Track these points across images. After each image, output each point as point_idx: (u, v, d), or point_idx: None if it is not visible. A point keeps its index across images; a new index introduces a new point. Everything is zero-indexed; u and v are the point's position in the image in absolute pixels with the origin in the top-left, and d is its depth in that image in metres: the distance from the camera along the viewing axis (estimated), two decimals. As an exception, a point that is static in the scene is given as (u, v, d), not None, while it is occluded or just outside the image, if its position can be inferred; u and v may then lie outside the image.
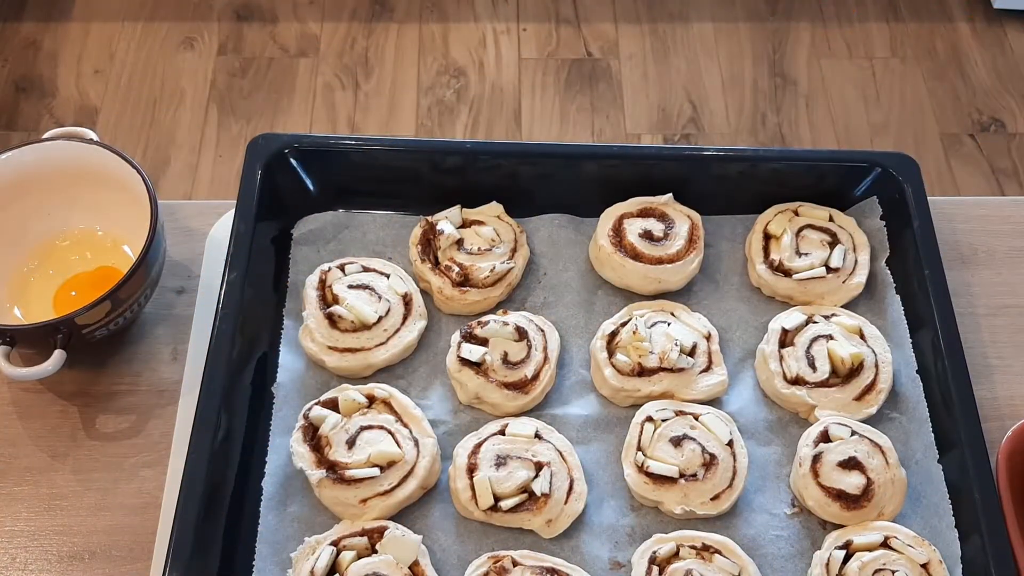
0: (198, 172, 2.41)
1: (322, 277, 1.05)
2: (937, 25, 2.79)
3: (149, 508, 0.97)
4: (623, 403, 1.00)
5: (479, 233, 1.08)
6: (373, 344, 1.01)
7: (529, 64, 2.63)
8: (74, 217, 1.11)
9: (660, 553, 0.89)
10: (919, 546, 0.90)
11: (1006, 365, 1.08)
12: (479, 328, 1.02)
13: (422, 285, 1.07)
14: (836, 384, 1.00)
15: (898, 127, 2.57)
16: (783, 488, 0.96)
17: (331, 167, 1.11)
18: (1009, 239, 1.18)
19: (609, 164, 1.12)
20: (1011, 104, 2.62)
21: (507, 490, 0.92)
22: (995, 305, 1.13)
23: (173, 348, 1.07)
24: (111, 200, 1.07)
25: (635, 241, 1.07)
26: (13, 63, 2.57)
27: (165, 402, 1.04)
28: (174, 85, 2.56)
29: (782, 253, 1.07)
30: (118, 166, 1.05)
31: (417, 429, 0.96)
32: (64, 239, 1.11)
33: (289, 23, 2.71)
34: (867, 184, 1.12)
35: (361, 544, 0.90)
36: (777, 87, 2.63)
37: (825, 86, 2.64)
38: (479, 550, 0.92)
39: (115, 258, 1.09)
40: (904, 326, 1.04)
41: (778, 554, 0.93)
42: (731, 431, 0.96)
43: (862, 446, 0.94)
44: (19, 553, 0.95)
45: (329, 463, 0.93)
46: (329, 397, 0.98)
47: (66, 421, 1.02)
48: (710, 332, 1.03)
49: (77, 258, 1.10)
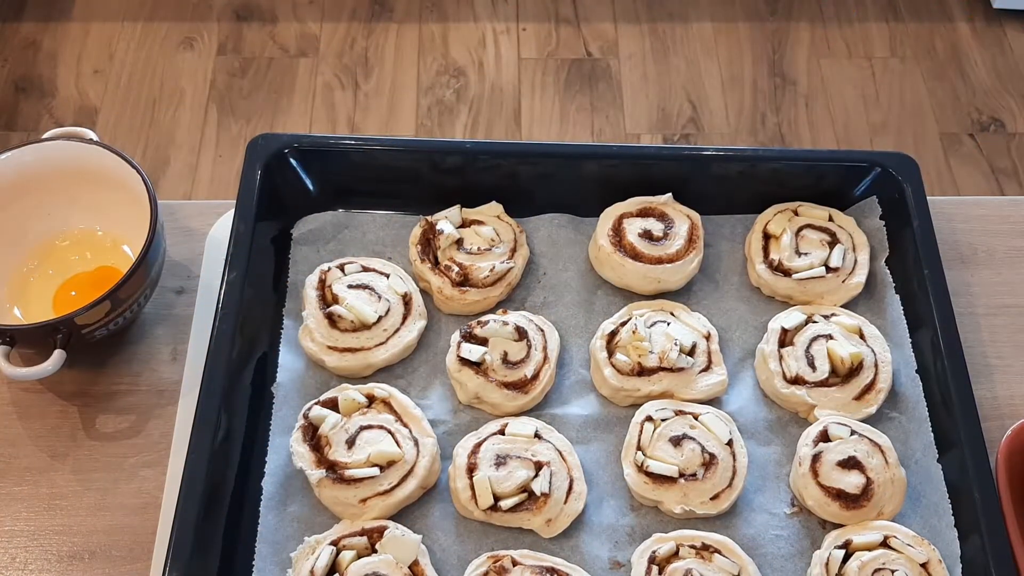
0: (198, 172, 2.41)
1: (322, 277, 1.05)
2: (937, 25, 2.80)
3: (149, 508, 0.97)
4: (623, 403, 1.00)
5: (479, 233, 1.08)
6: (373, 344, 1.01)
7: (529, 64, 2.63)
8: (74, 217, 1.11)
9: (660, 553, 0.90)
10: (919, 545, 0.90)
11: (1006, 365, 1.08)
12: (479, 328, 1.02)
13: (422, 285, 1.07)
14: (836, 384, 1.00)
15: (898, 127, 2.57)
16: (783, 488, 0.97)
17: (331, 167, 1.11)
18: (1009, 239, 1.18)
19: (609, 164, 1.12)
20: (1011, 104, 2.62)
21: (507, 490, 0.92)
22: (995, 305, 1.13)
23: (173, 348, 1.07)
24: (111, 200, 1.07)
25: (635, 241, 1.07)
26: (13, 63, 2.57)
27: (165, 402, 1.04)
28: (174, 85, 2.56)
29: (782, 253, 1.07)
30: (118, 166, 1.05)
31: (417, 429, 0.96)
32: (64, 239, 1.11)
33: (289, 23, 2.71)
34: (867, 184, 1.12)
35: (361, 544, 0.90)
36: (777, 87, 2.63)
37: (825, 86, 2.64)
38: (479, 550, 0.92)
39: (115, 258, 1.09)
40: (904, 326, 1.04)
41: (778, 554, 0.93)
42: (731, 431, 0.96)
43: (862, 446, 0.94)
44: (19, 553, 0.95)
45: (329, 463, 0.93)
46: (329, 397, 0.98)
47: (66, 421, 1.02)
48: (710, 332, 1.03)
49: (77, 258, 1.10)
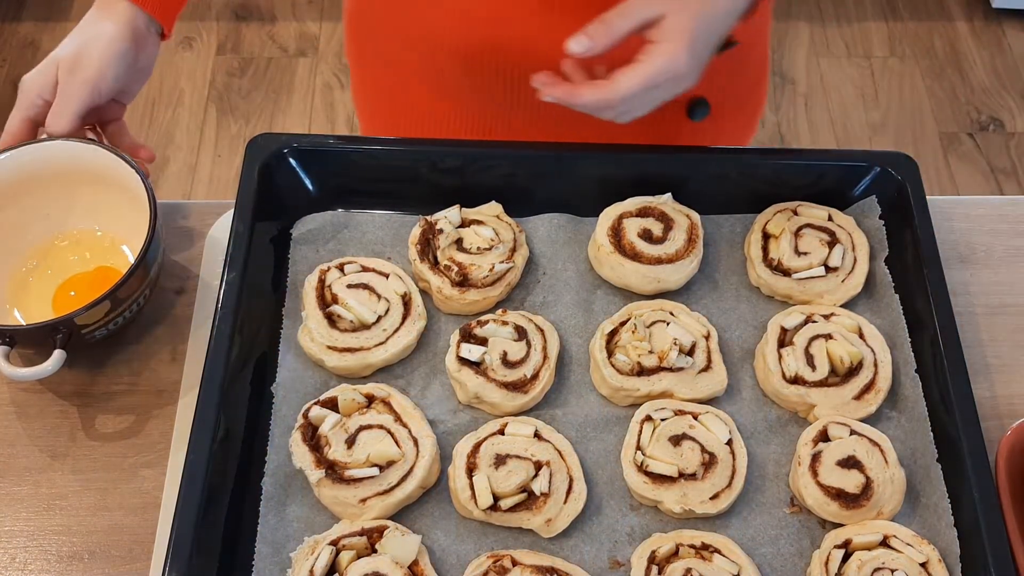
0: (197, 172, 2.41)
1: (321, 277, 1.05)
2: (936, 24, 2.80)
3: (149, 508, 0.97)
4: (622, 403, 1.00)
5: (478, 233, 1.08)
6: (372, 344, 1.01)
7: (528, 64, 2.63)
8: (73, 217, 1.11)
9: (659, 552, 0.90)
10: (918, 545, 0.90)
11: (1005, 364, 1.09)
12: (478, 328, 1.02)
13: (421, 285, 1.07)
14: (835, 383, 1.00)
15: (897, 126, 2.57)
16: (782, 487, 0.97)
17: (330, 167, 1.11)
18: (1008, 238, 1.18)
19: (608, 164, 1.12)
20: (1010, 103, 2.62)
21: (506, 489, 0.92)
22: (994, 304, 1.13)
23: (172, 348, 1.07)
24: (110, 200, 1.08)
25: (634, 241, 1.07)
26: (12, 63, 2.57)
27: (164, 402, 1.04)
28: (172, 85, 2.56)
29: (781, 252, 1.07)
30: (117, 166, 1.05)
31: (416, 429, 0.96)
32: (63, 239, 1.11)
33: (288, 22, 2.71)
34: (866, 183, 1.12)
35: (361, 544, 0.90)
36: (776, 86, 2.63)
37: (824, 85, 2.64)
38: (478, 549, 0.92)
39: (114, 258, 1.09)
40: (903, 325, 1.04)
41: (777, 553, 0.93)
42: (730, 430, 0.96)
43: (861, 445, 0.94)
44: (19, 553, 0.95)
45: (328, 463, 0.93)
46: (328, 397, 0.98)
47: (65, 421, 1.02)
48: (709, 331, 1.03)
49: (76, 258, 1.10)
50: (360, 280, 1.05)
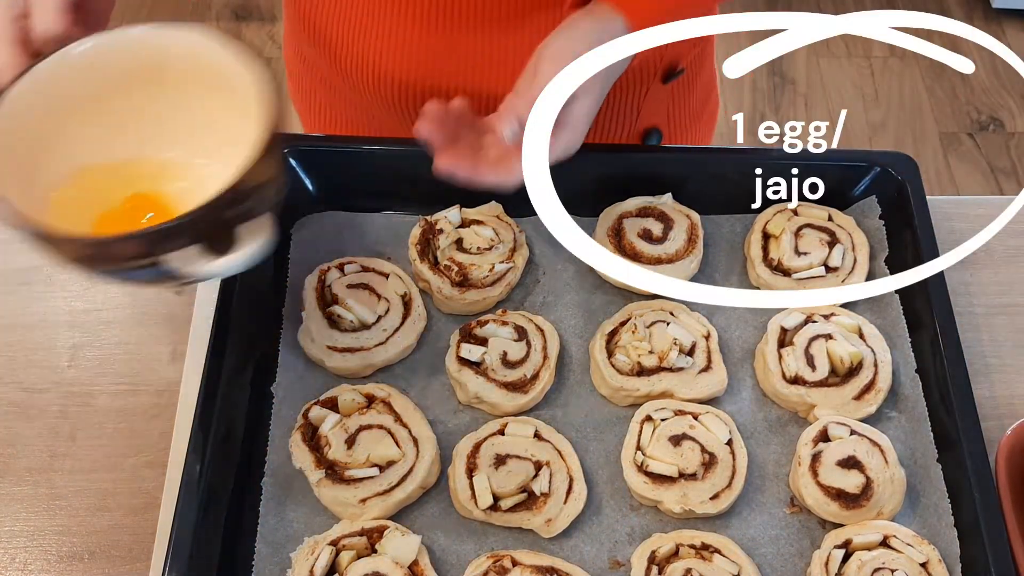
0: (197, 172, 2.41)
1: (321, 277, 1.05)
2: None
3: (149, 508, 0.97)
4: (622, 403, 1.00)
5: (478, 233, 1.08)
6: (372, 344, 1.01)
7: (528, 64, 2.63)
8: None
9: (659, 552, 0.90)
10: (918, 545, 0.90)
11: (1005, 364, 1.09)
12: (478, 328, 1.02)
13: (421, 285, 1.07)
14: (835, 383, 1.00)
15: (897, 126, 2.57)
16: (782, 487, 0.97)
17: (330, 167, 1.11)
18: (1007, 238, 1.18)
19: (608, 164, 1.12)
20: (1009, 103, 2.62)
21: (506, 490, 0.92)
22: (994, 304, 1.13)
23: (172, 348, 1.07)
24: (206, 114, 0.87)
25: (634, 241, 1.07)
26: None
27: (165, 402, 1.04)
28: (173, 85, 2.56)
29: (781, 252, 1.07)
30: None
31: (416, 429, 0.96)
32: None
33: (288, 23, 2.71)
34: (866, 183, 1.12)
35: (361, 544, 0.90)
36: (776, 86, 2.63)
37: (824, 85, 2.64)
38: (478, 550, 0.92)
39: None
40: (903, 325, 1.04)
41: (777, 553, 0.93)
42: (730, 430, 0.96)
43: (861, 445, 0.94)
44: (19, 553, 0.95)
45: (328, 463, 0.93)
46: (328, 397, 0.98)
47: (65, 421, 1.02)
48: (709, 331, 1.03)
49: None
50: (360, 280, 1.05)
